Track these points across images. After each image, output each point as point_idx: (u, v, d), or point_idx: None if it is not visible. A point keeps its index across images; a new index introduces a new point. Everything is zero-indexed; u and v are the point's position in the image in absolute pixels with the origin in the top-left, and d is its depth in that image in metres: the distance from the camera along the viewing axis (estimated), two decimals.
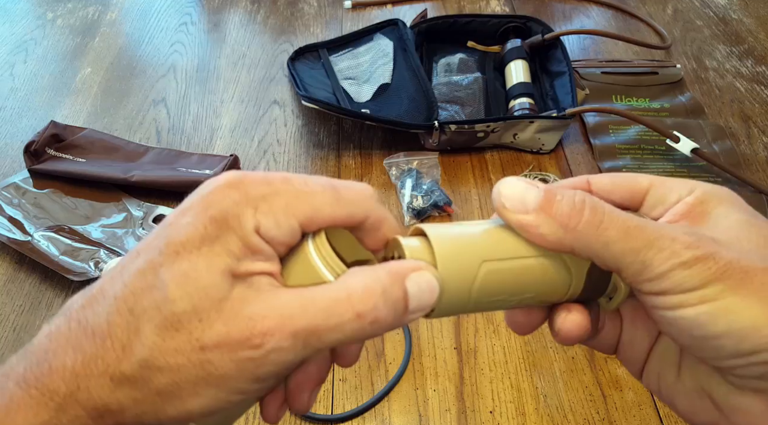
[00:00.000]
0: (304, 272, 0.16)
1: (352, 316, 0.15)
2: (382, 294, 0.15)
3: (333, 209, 0.16)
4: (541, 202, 0.16)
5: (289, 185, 0.16)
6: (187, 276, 0.14)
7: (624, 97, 0.63)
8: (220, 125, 0.61)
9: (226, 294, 0.15)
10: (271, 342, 0.14)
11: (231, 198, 0.15)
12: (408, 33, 0.64)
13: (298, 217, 0.16)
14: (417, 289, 0.16)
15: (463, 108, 0.59)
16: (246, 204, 0.15)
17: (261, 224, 0.15)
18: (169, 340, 0.14)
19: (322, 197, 0.16)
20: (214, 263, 0.15)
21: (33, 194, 0.53)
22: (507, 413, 0.39)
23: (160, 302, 0.14)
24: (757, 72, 0.67)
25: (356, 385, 0.40)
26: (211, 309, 0.14)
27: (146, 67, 0.69)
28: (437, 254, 0.16)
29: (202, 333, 0.14)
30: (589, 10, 0.77)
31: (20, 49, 0.72)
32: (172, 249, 0.15)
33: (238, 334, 0.14)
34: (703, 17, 0.75)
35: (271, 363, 0.15)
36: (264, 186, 0.16)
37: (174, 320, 0.14)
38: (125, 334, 0.14)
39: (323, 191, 0.16)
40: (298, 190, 0.16)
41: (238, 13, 0.78)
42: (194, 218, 0.15)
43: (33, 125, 0.61)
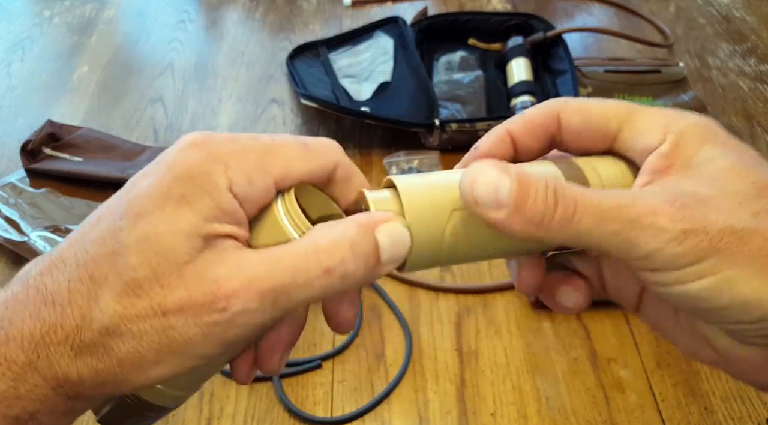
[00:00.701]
0: (271, 232, 0.15)
1: (320, 271, 0.14)
2: (350, 247, 0.15)
3: (304, 163, 0.16)
4: (515, 199, 0.15)
5: (257, 141, 0.15)
6: (148, 240, 0.14)
7: (627, 96, 0.63)
8: (218, 124, 0.61)
9: (189, 258, 0.14)
10: (237, 304, 0.14)
11: (198, 156, 0.15)
12: (408, 31, 0.63)
13: (271, 173, 0.15)
14: (388, 240, 0.15)
15: (464, 106, 0.58)
16: (215, 161, 0.15)
17: (234, 182, 0.15)
18: (129, 307, 0.14)
19: (293, 151, 0.16)
20: (178, 225, 0.14)
21: (29, 193, 0.52)
22: (508, 415, 0.38)
23: (120, 268, 0.14)
24: (760, 71, 0.66)
25: (356, 387, 0.40)
26: (172, 274, 0.14)
27: (143, 65, 0.69)
28: (405, 203, 0.16)
29: (163, 298, 0.14)
30: (591, 8, 0.76)
31: (17, 48, 0.71)
32: (133, 212, 0.14)
33: (201, 297, 0.14)
34: (705, 15, 0.75)
35: (239, 326, 0.14)
36: (231, 144, 0.15)
37: (135, 286, 0.14)
38: (85, 301, 0.14)
39: (292, 145, 0.16)
40: (267, 145, 0.15)
41: (237, 10, 0.77)
42: (157, 179, 0.14)
43: (30, 124, 0.60)
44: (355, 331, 0.43)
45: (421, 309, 0.44)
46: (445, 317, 0.44)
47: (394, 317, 0.44)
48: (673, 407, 0.38)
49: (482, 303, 0.44)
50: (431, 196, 0.16)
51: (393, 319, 0.43)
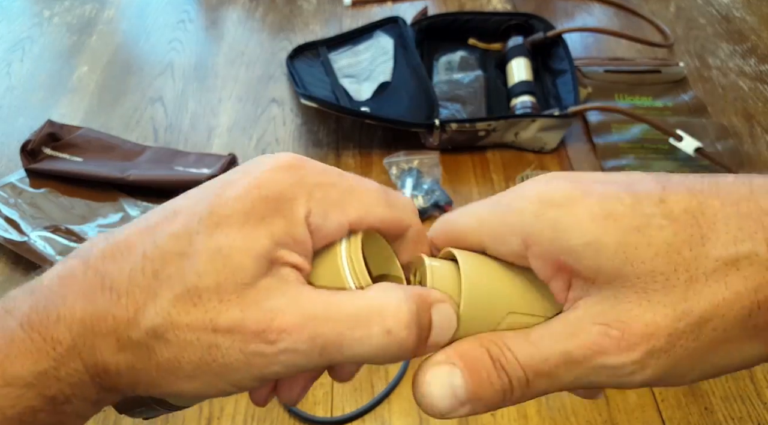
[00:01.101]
0: (330, 273, 0.15)
1: (382, 331, 0.14)
2: (416, 317, 0.14)
3: (384, 211, 0.16)
4: (470, 392, 0.14)
5: (343, 179, 0.15)
6: (220, 252, 0.14)
7: (627, 96, 0.63)
8: (218, 124, 0.61)
9: (253, 280, 0.14)
10: (286, 341, 0.13)
11: (287, 180, 0.14)
12: (408, 30, 0.63)
13: (349, 212, 0.15)
14: (439, 321, 0.15)
15: (464, 106, 0.58)
16: (301, 189, 0.14)
17: (312, 212, 0.15)
18: (183, 314, 0.13)
19: (375, 197, 0.16)
20: (251, 244, 0.14)
21: (29, 193, 0.52)
22: (508, 415, 0.38)
23: (185, 272, 0.14)
24: (760, 71, 0.66)
25: (356, 387, 0.40)
26: (234, 292, 0.13)
27: (143, 65, 0.68)
28: (465, 294, 0.15)
29: (217, 314, 0.13)
30: (591, 8, 0.76)
31: (17, 48, 0.71)
32: (213, 220, 0.14)
33: (254, 324, 0.13)
34: (705, 15, 0.75)
35: (281, 363, 0.14)
36: (321, 175, 0.15)
37: (194, 294, 0.13)
38: (143, 296, 0.14)
39: (375, 191, 0.16)
40: (351, 185, 0.15)
41: (237, 10, 0.77)
42: (244, 193, 0.14)
43: (29, 124, 0.60)
44: None
45: None
46: None
47: None
48: (673, 407, 0.38)
49: None
50: (491, 291, 0.16)
51: None
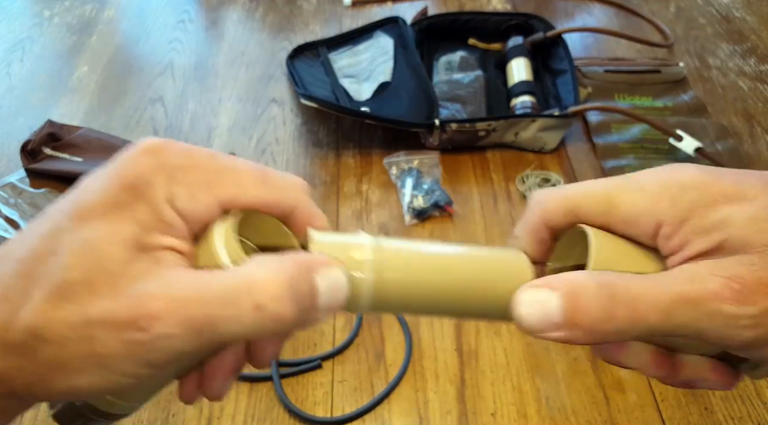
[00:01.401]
0: (206, 255, 0.15)
1: (250, 307, 0.13)
2: (285, 284, 0.14)
3: (258, 192, 0.16)
4: (568, 315, 0.14)
5: (213, 161, 0.15)
6: (86, 244, 0.14)
7: (627, 96, 0.63)
8: (218, 124, 0.61)
9: (124, 268, 0.14)
10: (157, 327, 0.13)
11: (146, 164, 0.14)
12: (408, 31, 0.63)
13: (217, 194, 0.15)
14: (326, 285, 0.14)
15: (464, 106, 0.58)
16: (161, 172, 0.14)
17: (175, 195, 0.14)
18: (57, 309, 0.13)
19: (248, 177, 0.16)
20: (117, 233, 0.14)
21: (29, 193, 0.52)
22: (509, 415, 0.38)
23: (55, 269, 0.14)
24: (760, 71, 0.66)
25: (356, 387, 0.40)
26: (104, 283, 0.13)
27: (143, 65, 0.68)
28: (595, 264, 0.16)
29: (89, 307, 0.13)
30: (591, 8, 0.76)
31: (17, 48, 0.71)
32: (77, 214, 0.14)
33: (125, 313, 0.13)
34: (705, 15, 0.75)
35: (160, 349, 0.13)
36: (185, 157, 0.15)
37: (65, 288, 0.13)
38: (18, 298, 0.14)
39: (250, 172, 0.16)
40: (222, 165, 0.15)
41: (237, 10, 0.77)
42: (105, 183, 0.14)
43: (29, 124, 0.60)
44: (355, 331, 0.42)
45: None
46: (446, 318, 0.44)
47: (394, 317, 0.44)
48: (673, 407, 0.38)
49: None
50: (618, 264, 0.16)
51: (393, 319, 0.43)
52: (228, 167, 0.15)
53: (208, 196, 0.15)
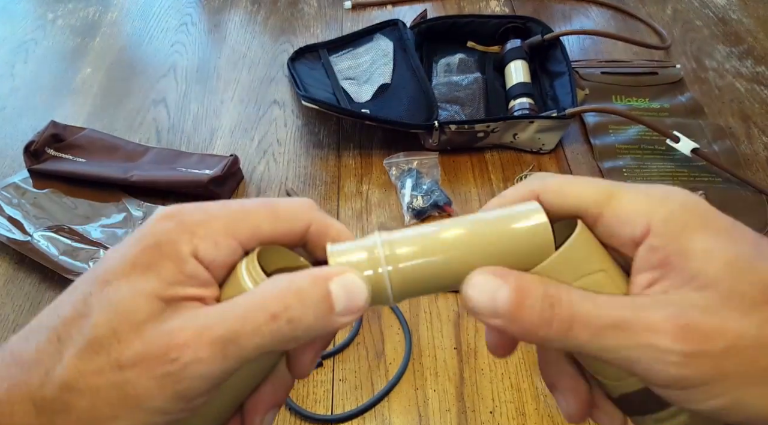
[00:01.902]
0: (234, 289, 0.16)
1: (267, 317, 0.15)
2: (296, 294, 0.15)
3: (272, 225, 0.17)
4: (511, 308, 0.15)
5: (225, 208, 0.17)
6: (111, 302, 0.15)
7: (624, 98, 0.63)
8: (220, 125, 0.61)
9: (148, 317, 0.15)
10: (188, 354, 0.14)
11: (165, 227, 0.16)
12: (408, 33, 0.64)
13: (237, 237, 0.16)
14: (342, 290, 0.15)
15: (463, 108, 0.59)
16: (182, 231, 0.16)
17: (199, 248, 0.16)
18: (88, 362, 0.14)
19: (260, 215, 0.17)
20: (140, 289, 0.15)
21: (33, 194, 0.53)
22: (507, 413, 0.38)
23: (84, 328, 0.15)
24: (756, 72, 0.67)
25: (356, 385, 0.40)
26: (131, 330, 0.15)
27: (146, 67, 0.69)
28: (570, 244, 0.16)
29: (120, 354, 0.14)
30: (588, 11, 0.77)
31: (21, 49, 0.72)
32: (102, 279, 0.15)
33: (155, 350, 0.14)
34: (702, 17, 0.76)
35: (191, 377, 0.14)
36: (200, 213, 0.16)
37: (95, 343, 0.15)
38: (50, 360, 0.15)
39: (260, 209, 0.17)
40: (235, 211, 0.17)
41: (239, 13, 0.78)
42: (128, 249, 0.16)
43: (33, 125, 0.61)
44: (355, 330, 0.43)
45: (420, 308, 0.44)
46: (445, 316, 0.44)
47: (394, 316, 0.44)
48: None
49: None
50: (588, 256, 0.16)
51: (393, 318, 0.44)
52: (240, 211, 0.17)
53: (229, 241, 0.16)
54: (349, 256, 0.17)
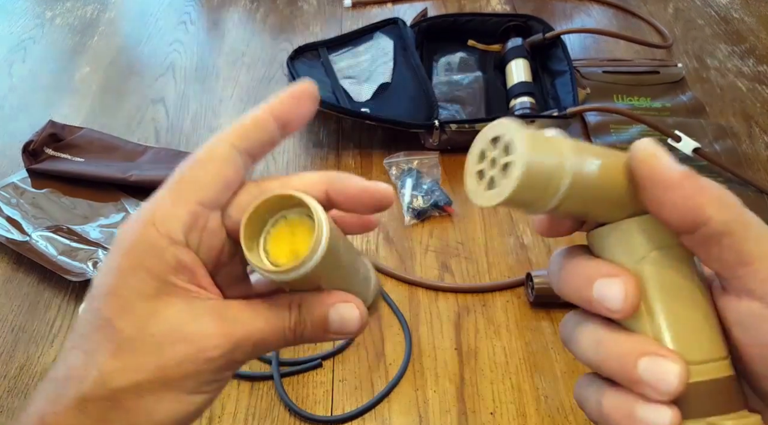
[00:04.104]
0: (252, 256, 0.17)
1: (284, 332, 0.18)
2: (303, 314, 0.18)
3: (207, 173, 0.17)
4: (687, 171, 0.15)
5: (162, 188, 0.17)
6: (125, 309, 0.16)
7: (625, 97, 0.63)
8: (219, 125, 0.61)
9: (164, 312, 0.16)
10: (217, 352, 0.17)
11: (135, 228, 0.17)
12: (408, 32, 0.63)
13: (191, 200, 0.17)
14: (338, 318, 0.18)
15: (463, 107, 0.58)
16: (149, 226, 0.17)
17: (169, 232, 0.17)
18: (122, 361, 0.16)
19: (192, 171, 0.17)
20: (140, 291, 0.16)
21: (31, 193, 0.53)
22: (508, 414, 0.38)
23: (109, 335, 0.16)
24: (758, 71, 0.67)
25: (356, 386, 0.40)
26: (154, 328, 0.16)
27: (145, 66, 0.69)
28: None
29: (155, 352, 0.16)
30: (590, 9, 0.77)
31: (19, 48, 0.72)
32: (103, 292, 0.17)
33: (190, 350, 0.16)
34: (704, 16, 0.75)
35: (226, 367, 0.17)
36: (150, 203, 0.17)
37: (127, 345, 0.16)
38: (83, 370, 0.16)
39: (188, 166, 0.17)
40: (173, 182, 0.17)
41: (238, 11, 0.77)
42: (112, 260, 0.17)
43: (31, 125, 0.60)
44: None
45: (420, 309, 0.44)
46: (445, 317, 0.44)
47: (394, 316, 0.44)
48: None
49: (481, 303, 0.45)
50: None
51: (393, 318, 0.44)
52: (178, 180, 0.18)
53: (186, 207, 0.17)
54: (541, 142, 0.14)
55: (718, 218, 0.14)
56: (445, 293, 0.45)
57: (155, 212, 0.17)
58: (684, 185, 0.15)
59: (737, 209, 0.15)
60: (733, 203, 0.15)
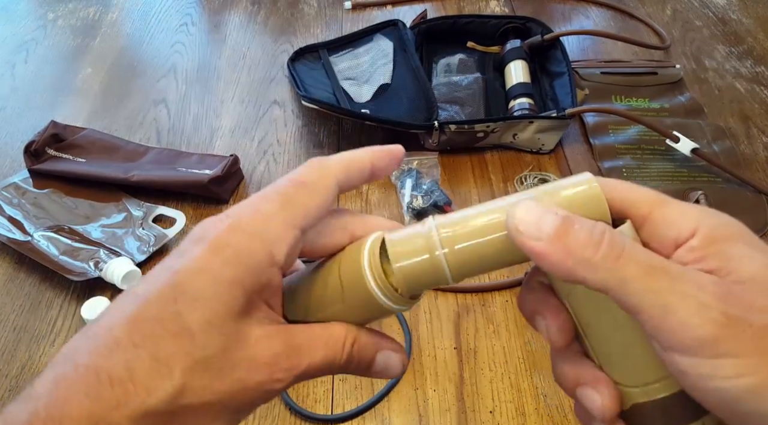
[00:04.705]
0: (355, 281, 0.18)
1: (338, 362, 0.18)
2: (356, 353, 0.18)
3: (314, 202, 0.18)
4: (557, 229, 0.15)
5: (274, 202, 0.17)
6: (211, 324, 0.16)
7: (623, 98, 0.63)
8: (220, 125, 0.61)
9: (247, 335, 0.16)
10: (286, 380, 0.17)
11: (240, 240, 0.16)
12: (408, 33, 0.64)
13: (296, 225, 0.17)
14: (383, 362, 0.19)
15: (462, 108, 0.59)
16: (256, 241, 0.16)
17: (274, 253, 0.16)
18: (198, 380, 0.15)
19: (303, 197, 0.17)
20: (231, 305, 0.16)
21: (33, 194, 0.53)
22: (507, 413, 0.39)
23: (188, 348, 0.15)
24: (756, 72, 0.67)
25: (356, 385, 0.40)
26: (236, 350, 0.16)
27: (147, 67, 0.69)
28: None
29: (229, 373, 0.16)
30: (588, 11, 0.77)
31: (21, 49, 0.72)
32: (189, 296, 0.16)
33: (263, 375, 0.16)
34: (702, 17, 0.76)
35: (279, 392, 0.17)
36: (261, 217, 0.17)
37: (206, 364, 0.16)
38: (150, 378, 0.15)
39: (297, 192, 0.17)
40: (284, 202, 0.17)
41: (239, 13, 0.78)
42: (206, 262, 0.16)
43: (33, 125, 0.61)
44: None
45: (420, 308, 0.45)
46: (444, 316, 0.44)
47: (394, 316, 0.44)
48: None
49: (481, 302, 0.45)
50: None
51: (393, 319, 0.44)
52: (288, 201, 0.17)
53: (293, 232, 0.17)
54: (406, 245, 0.17)
55: (591, 281, 0.15)
56: (444, 292, 0.45)
57: (266, 229, 0.17)
58: (549, 253, 0.15)
59: (604, 271, 0.15)
60: (600, 262, 0.15)
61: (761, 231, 0.50)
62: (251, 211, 0.17)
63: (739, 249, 0.15)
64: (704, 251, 0.15)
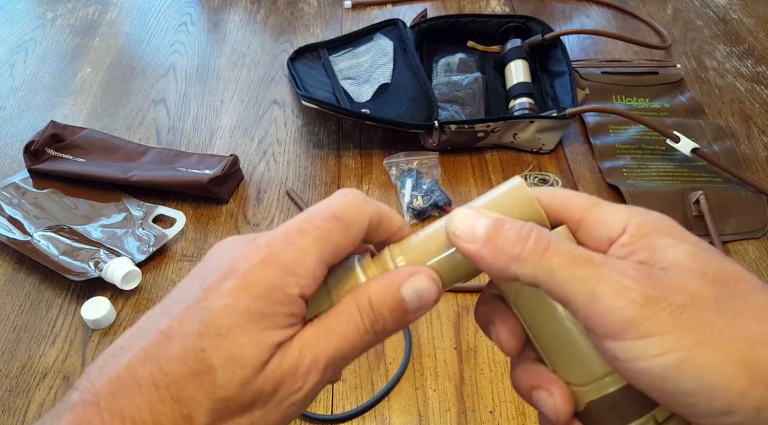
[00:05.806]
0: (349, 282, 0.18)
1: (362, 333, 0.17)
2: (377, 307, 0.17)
3: (346, 238, 0.18)
4: (489, 231, 0.16)
5: (308, 237, 0.17)
6: (234, 359, 0.15)
7: (624, 97, 0.63)
8: (220, 125, 0.61)
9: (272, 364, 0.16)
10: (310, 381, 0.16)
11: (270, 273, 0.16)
12: (408, 33, 0.64)
13: (326, 262, 0.17)
14: (413, 294, 0.17)
15: (463, 108, 0.59)
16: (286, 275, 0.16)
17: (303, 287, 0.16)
18: (222, 421, 0.15)
19: (335, 232, 0.17)
20: (259, 341, 0.16)
21: (33, 194, 0.53)
22: (507, 413, 0.39)
23: (208, 388, 0.15)
24: (757, 72, 0.67)
25: (356, 385, 0.40)
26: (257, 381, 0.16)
27: (146, 67, 0.69)
28: None
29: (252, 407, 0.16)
30: (589, 10, 0.77)
31: (20, 49, 0.72)
32: (214, 332, 0.15)
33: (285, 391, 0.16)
34: (703, 17, 0.76)
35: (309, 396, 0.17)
36: (293, 251, 0.17)
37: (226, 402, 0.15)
38: (171, 420, 0.15)
39: (333, 226, 0.17)
40: (317, 238, 0.17)
41: (238, 12, 0.78)
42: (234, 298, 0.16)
43: (33, 125, 0.61)
44: None
45: None
46: (444, 316, 0.44)
47: None
48: None
49: None
50: None
51: None
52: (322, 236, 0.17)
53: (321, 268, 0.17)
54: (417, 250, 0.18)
55: (522, 276, 0.16)
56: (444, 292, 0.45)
57: (299, 266, 0.16)
58: (484, 254, 0.16)
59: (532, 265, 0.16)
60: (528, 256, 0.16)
61: (761, 231, 0.50)
62: (285, 244, 0.17)
63: (664, 241, 0.16)
64: (634, 245, 0.16)
